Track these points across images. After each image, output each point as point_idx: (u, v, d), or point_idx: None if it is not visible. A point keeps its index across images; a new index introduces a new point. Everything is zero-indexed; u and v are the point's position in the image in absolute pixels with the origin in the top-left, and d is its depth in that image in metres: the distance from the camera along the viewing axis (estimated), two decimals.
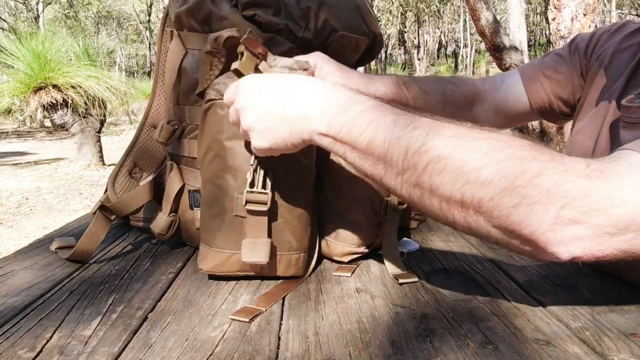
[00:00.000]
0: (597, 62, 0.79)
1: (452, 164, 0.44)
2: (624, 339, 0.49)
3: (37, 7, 20.33)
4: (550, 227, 0.42)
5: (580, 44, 0.83)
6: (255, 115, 0.55)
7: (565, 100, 0.84)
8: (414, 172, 0.46)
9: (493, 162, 0.43)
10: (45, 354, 0.47)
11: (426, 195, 0.47)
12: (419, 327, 0.52)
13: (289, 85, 0.56)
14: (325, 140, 0.53)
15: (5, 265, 0.74)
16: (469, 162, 0.44)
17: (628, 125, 0.65)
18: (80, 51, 6.77)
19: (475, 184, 0.43)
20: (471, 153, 0.44)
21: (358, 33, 0.75)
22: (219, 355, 0.47)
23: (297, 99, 0.54)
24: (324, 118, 0.52)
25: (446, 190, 0.45)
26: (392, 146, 0.47)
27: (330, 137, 0.52)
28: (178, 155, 0.75)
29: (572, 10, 4.53)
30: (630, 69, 0.71)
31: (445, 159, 0.45)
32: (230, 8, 0.70)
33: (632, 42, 0.75)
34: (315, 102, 0.53)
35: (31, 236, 3.67)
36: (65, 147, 9.15)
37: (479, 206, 0.44)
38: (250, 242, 0.63)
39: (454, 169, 0.44)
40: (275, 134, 0.55)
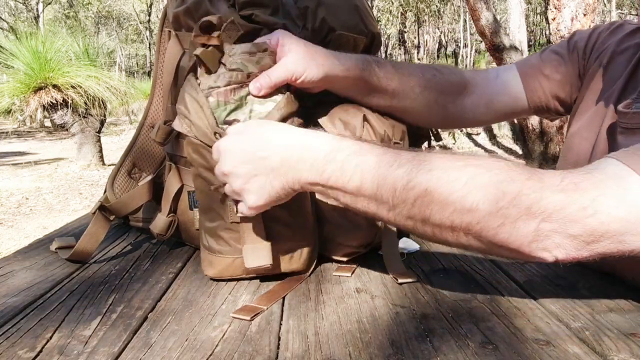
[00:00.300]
0: (596, 62, 0.78)
1: (438, 197, 0.49)
2: (624, 339, 0.49)
3: (37, 7, 20.33)
4: (533, 239, 0.47)
5: (579, 43, 0.82)
6: (244, 178, 0.57)
7: (562, 100, 0.83)
8: (404, 207, 0.50)
9: (475, 189, 0.48)
10: (45, 354, 0.47)
11: (418, 224, 0.51)
12: (419, 327, 0.52)
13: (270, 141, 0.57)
14: (317, 187, 0.56)
15: (5, 265, 0.74)
16: (453, 193, 0.48)
17: (625, 130, 0.65)
18: (80, 51, 6.77)
19: (462, 211, 0.48)
20: (454, 183, 0.48)
21: (356, 32, 0.75)
22: (219, 355, 0.47)
23: (282, 155, 0.56)
24: (312, 170, 0.54)
25: (436, 219, 0.49)
26: (381, 186, 0.51)
27: (320, 185, 0.55)
28: (177, 156, 0.75)
29: (572, 10, 4.53)
30: (628, 71, 0.71)
31: (432, 192, 0.49)
32: (227, 8, 0.70)
33: (630, 43, 0.74)
34: (301, 156, 0.55)
35: (31, 236, 3.67)
36: (65, 147, 9.15)
37: (467, 229, 0.49)
38: (250, 248, 0.63)
39: (441, 200, 0.48)
40: (269, 191, 0.57)
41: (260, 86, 0.63)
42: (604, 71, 0.76)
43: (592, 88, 0.77)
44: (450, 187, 0.48)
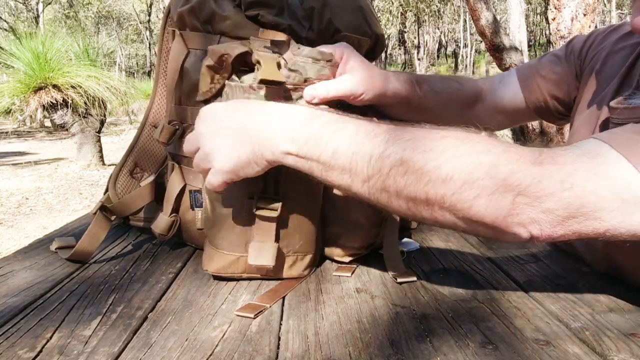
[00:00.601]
0: (592, 62, 0.79)
1: (413, 166, 0.47)
2: (624, 339, 0.49)
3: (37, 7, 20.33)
4: (509, 212, 0.46)
5: (576, 45, 0.83)
6: (214, 138, 0.56)
7: (560, 99, 0.84)
8: (379, 178, 0.49)
9: (451, 160, 0.46)
10: (45, 354, 0.47)
11: (393, 198, 0.49)
12: (419, 327, 0.52)
13: (249, 107, 0.57)
14: (290, 158, 0.54)
15: (5, 265, 0.74)
16: (428, 162, 0.47)
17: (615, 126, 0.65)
18: (80, 51, 6.77)
19: (437, 181, 0.46)
20: (430, 153, 0.47)
21: (360, 33, 0.75)
22: (219, 355, 0.47)
23: (258, 118, 0.55)
24: (286, 138, 0.53)
25: (411, 191, 0.48)
26: (356, 154, 0.50)
27: (294, 155, 0.53)
28: (179, 156, 0.75)
29: (572, 10, 4.53)
30: (623, 70, 0.72)
31: (407, 161, 0.47)
32: (233, 8, 0.70)
33: (626, 43, 0.75)
34: (278, 120, 0.54)
35: (31, 236, 3.67)
36: (65, 147, 9.15)
37: (442, 202, 0.47)
38: (257, 245, 0.63)
39: (416, 170, 0.47)
40: (239, 153, 0.55)
41: (315, 94, 0.63)
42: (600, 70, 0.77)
43: (588, 87, 0.78)
44: (426, 156, 0.47)
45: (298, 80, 0.62)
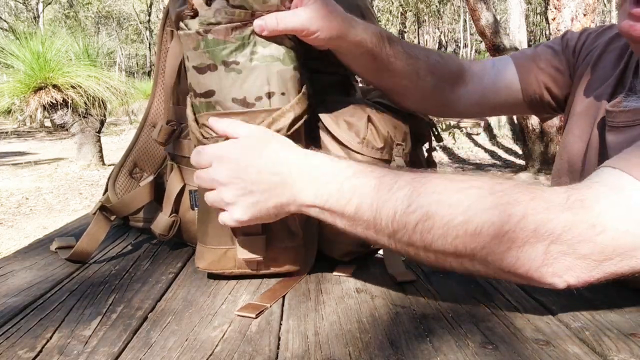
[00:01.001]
0: (585, 62, 0.79)
1: (439, 221, 0.46)
2: (624, 339, 0.49)
3: (37, 7, 20.33)
4: (543, 263, 0.45)
5: (570, 42, 0.82)
6: (236, 191, 0.55)
7: (554, 95, 0.83)
8: (404, 233, 0.48)
9: (479, 213, 0.45)
10: (45, 354, 0.47)
11: (421, 251, 0.49)
12: (419, 327, 0.52)
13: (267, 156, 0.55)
14: (313, 210, 0.54)
15: (5, 265, 0.74)
16: (456, 217, 0.46)
17: (612, 129, 0.65)
18: (80, 51, 6.78)
19: (465, 236, 0.46)
20: (456, 207, 0.46)
21: None
22: (219, 355, 0.47)
23: (279, 171, 0.54)
24: (310, 190, 0.53)
25: (439, 245, 0.47)
26: (380, 210, 0.49)
27: (317, 207, 0.53)
28: (178, 156, 0.75)
29: (572, 10, 4.53)
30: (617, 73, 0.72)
31: (433, 217, 0.47)
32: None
33: (617, 44, 0.75)
34: (299, 174, 0.54)
35: (31, 236, 3.67)
36: (65, 147, 9.15)
37: (472, 255, 0.46)
38: (244, 239, 0.63)
39: (442, 225, 0.46)
40: (260, 209, 0.55)
41: (265, 26, 0.57)
42: (593, 70, 0.76)
43: (583, 87, 0.77)
44: (453, 210, 0.46)
45: (245, 16, 0.58)
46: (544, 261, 0.45)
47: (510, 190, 0.46)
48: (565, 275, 0.46)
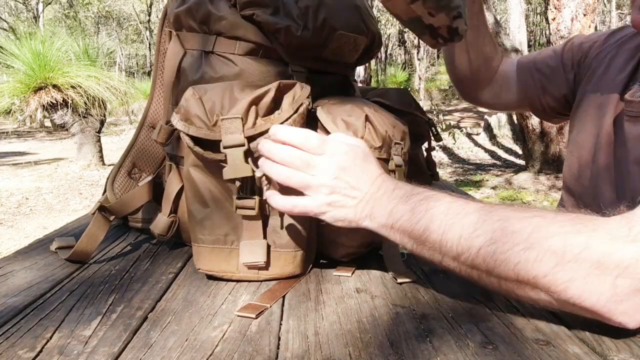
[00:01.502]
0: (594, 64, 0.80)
1: (502, 247, 0.47)
2: (624, 339, 0.48)
3: (37, 7, 20.32)
4: (611, 298, 0.43)
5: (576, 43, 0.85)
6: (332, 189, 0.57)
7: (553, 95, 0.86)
8: (468, 256, 0.50)
9: (540, 241, 0.45)
10: (45, 354, 0.47)
11: (484, 275, 0.50)
12: (419, 327, 0.52)
13: (370, 170, 0.58)
14: (384, 229, 0.56)
15: (5, 265, 0.74)
16: (518, 244, 0.46)
17: (631, 119, 0.66)
18: (80, 51, 6.78)
19: (526, 263, 0.46)
20: (518, 235, 0.46)
21: (357, 32, 0.75)
22: (219, 355, 0.47)
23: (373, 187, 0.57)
24: (387, 208, 0.55)
25: (502, 271, 0.48)
26: (446, 233, 0.51)
27: (389, 226, 0.55)
28: (177, 156, 0.75)
29: (572, 10, 4.53)
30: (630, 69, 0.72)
31: (496, 242, 0.47)
32: (228, 8, 0.70)
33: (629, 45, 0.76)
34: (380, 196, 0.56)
35: (31, 236, 3.67)
36: (65, 147, 9.15)
37: (535, 283, 0.46)
38: (247, 244, 0.64)
39: (504, 251, 0.47)
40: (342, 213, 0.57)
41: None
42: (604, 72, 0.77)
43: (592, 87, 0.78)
44: (515, 237, 0.46)
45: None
46: (612, 296, 0.43)
47: (572, 220, 0.46)
48: (636, 315, 0.44)
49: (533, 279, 0.46)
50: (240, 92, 0.64)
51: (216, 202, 0.65)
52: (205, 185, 0.65)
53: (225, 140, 0.60)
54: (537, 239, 0.45)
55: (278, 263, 0.66)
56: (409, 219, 0.53)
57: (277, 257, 0.65)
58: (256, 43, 0.71)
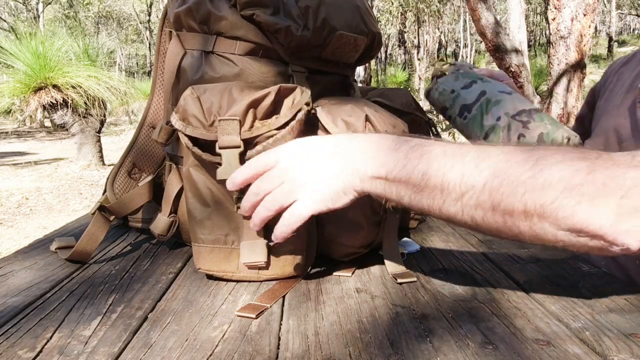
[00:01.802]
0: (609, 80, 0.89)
1: (508, 178, 0.46)
2: (624, 339, 0.49)
3: (37, 7, 20.32)
4: (616, 219, 0.43)
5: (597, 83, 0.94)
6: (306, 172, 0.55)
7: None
8: (472, 194, 0.48)
9: (546, 168, 0.45)
10: (45, 354, 0.47)
11: (488, 214, 0.48)
12: (419, 327, 0.52)
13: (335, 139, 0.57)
14: (379, 183, 0.53)
15: (5, 265, 0.74)
16: (524, 172, 0.46)
17: None
18: (80, 51, 6.78)
19: (534, 191, 0.45)
20: (523, 164, 0.46)
21: (357, 32, 0.75)
22: (219, 355, 0.47)
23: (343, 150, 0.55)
24: (375, 159, 0.53)
25: (508, 204, 0.46)
26: (447, 174, 0.49)
27: (382, 179, 0.53)
28: (177, 156, 0.75)
29: (572, 10, 4.53)
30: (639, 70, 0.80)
31: (501, 174, 0.46)
32: (229, 8, 0.70)
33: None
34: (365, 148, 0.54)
35: (31, 236, 3.67)
36: (65, 147, 9.15)
37: (542, 212, 0.45)
38: (247, 244, 0.64)
39: (511, 181, 0.46)
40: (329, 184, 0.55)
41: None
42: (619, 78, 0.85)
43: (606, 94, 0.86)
44: (521, 167, 0.46)
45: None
46: (617, 217, 0.43)
47: (575, 149, 0.47)
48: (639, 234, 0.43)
49: (541, 207, 0.45)
50: (239, 93, 0.64)
51: (216, 202, 0.65)
52: (206, 185, 0.65)
53: (222, 141, 0.60)
54: (543, 167, 0.45)
55: (278, 263, 0.65)
56: (403, 167, 0.51)
57: (277, 258, 0.65)
58: (256, 43, 0.71)
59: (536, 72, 12.39)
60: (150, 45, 24.78)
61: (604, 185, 0.43)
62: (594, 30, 4.93)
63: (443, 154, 0.50)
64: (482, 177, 0.47)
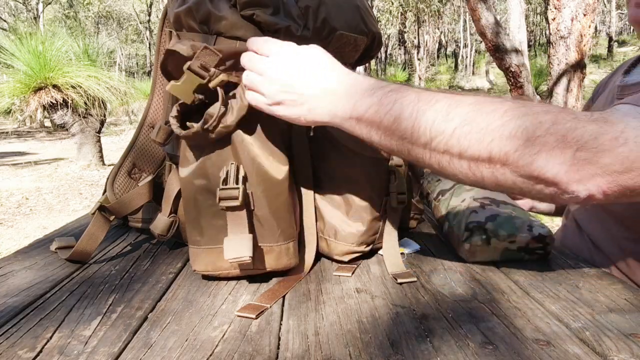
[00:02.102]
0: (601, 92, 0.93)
1: (477, 125, 0.49)
2: (624, 339, 0.49)
3: (37, 7, 20.32)
4: (570, 168, 0.47)
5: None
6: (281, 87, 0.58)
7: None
8: (442, 139, 0.50)
9: (513, 119, 0.49)
10: (45, 354, 0.47)
11: (455, 159, 0.51)
12: (419, 327, 0.52)
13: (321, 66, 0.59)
14: (348, 123, 0.56)
15: (5, 265, 0.74)
16: (492, 122, 0.49)
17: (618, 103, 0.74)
18: (80, 51, 6.78)
19: (501, 139, 0.48)
20: (493, 114, 0.49)
21: (357, 32, 0.75)
22: (219, 355, 0.47)
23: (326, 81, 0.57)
24: (350, 101, 0.55)
25: (474, 150, 0.49)
26: (418, 119, 0.51)
27: (354, 119, 0.55)
28: (177, 156, 0.75)
29: (572, 10, 4.53)
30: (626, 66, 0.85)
31: (471, 122, 0.49)
32: (229, 8, 0.70)
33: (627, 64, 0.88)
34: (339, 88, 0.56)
35: (31, 236, 3.67)
36: (65, 147, 9.15)
37: (505, 159, 0.49)
38: (231, 240, 0.62)
39: (480, 129, 0.49)
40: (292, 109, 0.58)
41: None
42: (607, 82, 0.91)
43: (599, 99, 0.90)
44: (490, 117, 0.49)
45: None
46: (570, 166, 0.47)
47: (540, 104, 0.50)
48: (588, 184, 0.48)
49: (505, 154, 0.48)
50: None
51: (209, 203, 0.65)
52: (193, 185, 0.65)
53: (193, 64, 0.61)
54: (510, 118, 0.49)
55: (271, 256, 0.65)
56: (376, 111, 0.54)
57: (269, 250, 0.65)
58: None
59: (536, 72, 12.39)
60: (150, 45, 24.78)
61: (564, 137, 0.47)
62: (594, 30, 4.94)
63: (416, 100, 0.52)
64: (452, 124, 0.50)
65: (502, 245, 0.71)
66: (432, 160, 0.52)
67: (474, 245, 0.71)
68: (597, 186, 0.48)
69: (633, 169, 0.47)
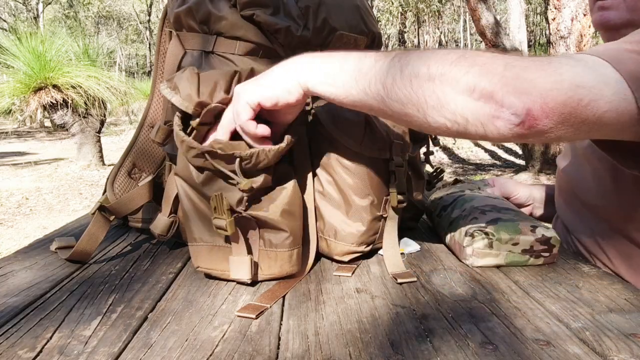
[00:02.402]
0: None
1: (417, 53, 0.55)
2: (624, 339, 0.49)
3: (37, 7, 20.33)
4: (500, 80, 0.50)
5: None
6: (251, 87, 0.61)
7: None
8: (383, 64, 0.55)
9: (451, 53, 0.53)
10: (45, 354, 0.47)
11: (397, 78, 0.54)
12: (419, 327, 0.52)
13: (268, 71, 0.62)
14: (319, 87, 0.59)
15: (5, 265, 0.74)
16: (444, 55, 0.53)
17: None
18: (80, 51, 6.78)
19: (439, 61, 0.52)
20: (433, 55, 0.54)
21: (357, 32, 0.75)
22: (219, 355, 0.47)
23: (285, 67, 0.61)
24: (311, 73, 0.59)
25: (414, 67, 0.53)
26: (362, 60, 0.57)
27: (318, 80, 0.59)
28: (176, 156, 0.75)
29: (572, 10, 4.53)
30: None
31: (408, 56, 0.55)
32: (229, 8, 0.70)
33: None
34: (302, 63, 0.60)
35: (31, 236, 3.67)
36: (65, 147, 9.16)
37: (442, 74, 0.52)
38: (234, 260, 0.64)
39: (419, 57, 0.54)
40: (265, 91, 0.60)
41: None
42: None
43: None
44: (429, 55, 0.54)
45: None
46: (501, 78, 0.49)
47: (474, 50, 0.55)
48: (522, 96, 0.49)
49: (441, 72, 0.52)
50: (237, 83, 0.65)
51: (205, 204, 0.65)
52: (194, 186, 0.65)
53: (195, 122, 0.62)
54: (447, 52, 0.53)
55: (275, 262, 0.65)
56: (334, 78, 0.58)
57: (273, 256, 0.65)
58: (256, 43, 0.71)
59: None
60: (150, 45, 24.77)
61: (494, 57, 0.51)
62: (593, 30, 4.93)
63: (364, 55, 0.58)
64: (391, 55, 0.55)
65: (505, 248, 0.71)
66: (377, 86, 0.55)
67: (476, 250, 0.71)
68: (532, 101, 0.49)
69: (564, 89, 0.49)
